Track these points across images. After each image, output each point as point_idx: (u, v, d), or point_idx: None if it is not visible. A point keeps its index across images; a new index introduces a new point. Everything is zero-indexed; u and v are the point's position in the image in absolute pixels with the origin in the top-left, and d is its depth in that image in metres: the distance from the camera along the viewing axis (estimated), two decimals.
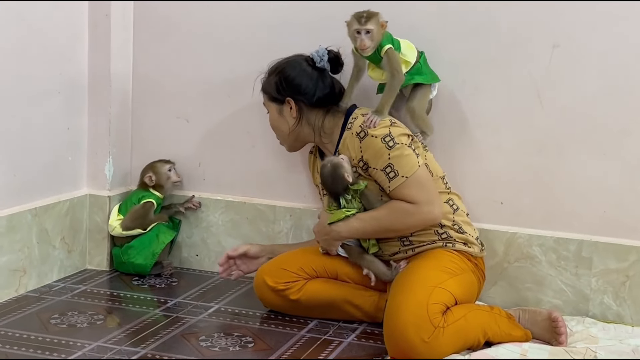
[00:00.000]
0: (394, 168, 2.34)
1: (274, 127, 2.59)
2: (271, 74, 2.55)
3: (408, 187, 2.34)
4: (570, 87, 2.55)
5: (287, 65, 2.53)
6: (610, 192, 2.54)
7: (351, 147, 2.40)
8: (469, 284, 2.36)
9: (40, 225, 2.69)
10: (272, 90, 2.53)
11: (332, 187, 2.39)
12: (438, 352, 2.15)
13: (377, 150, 2.35)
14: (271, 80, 2.54)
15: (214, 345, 2.27)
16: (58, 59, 2.75)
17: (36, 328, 2.33)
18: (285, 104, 2.51)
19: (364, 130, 2.38)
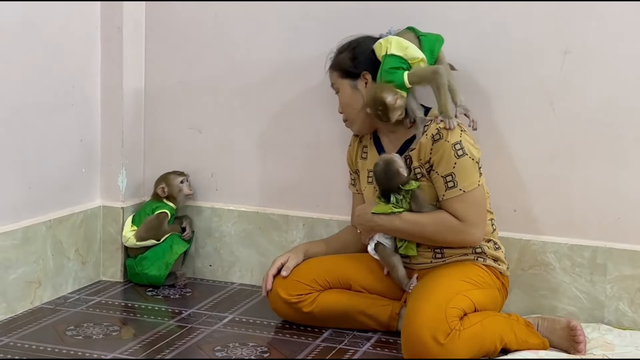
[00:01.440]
0: (455, 178, 2.33)
1: (346, 105, 2.50)
2: (343, 52, 2.49)
3: (461, 202, 2.33)
4: (583, 93, 2.55)
5: (360, 41, 2.48)
6: (624, 198, 2.54)
7: (423, 150, 2.37)
8: (492, 299, 2.35)
9: (55, 237, 2.70)
10: (347, 64, 2.46)
11: (385, 182, 2.36)
12: (453, 355, 2.15)
13: (445, 155, 2.33)
14: (344, 57, 2.48)
15: (229, 355, 2.27)
16: (72, 72, 2.77)
17: (52, 340, 2.34)
18: (361, 78, 2.45)
19: (439, 133, 2.34)
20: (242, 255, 2.93)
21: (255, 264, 2.92)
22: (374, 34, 2.50)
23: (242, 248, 2.93)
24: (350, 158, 2.62)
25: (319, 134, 2.83)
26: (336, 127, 2.79)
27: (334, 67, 2.52)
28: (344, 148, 2.77)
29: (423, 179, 2.37)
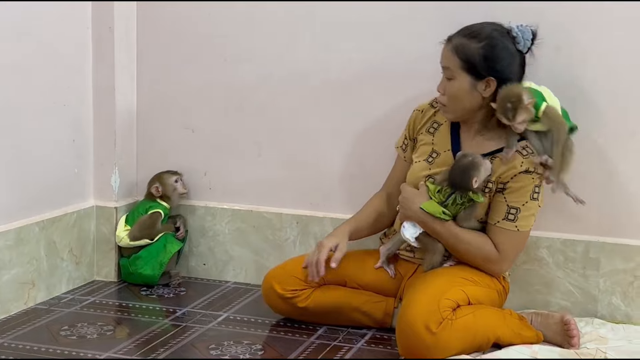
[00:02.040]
0: (517, 214, 2.31)
1: (455, 97, 2.33)
2: (473, 39, 2.30)
3: (509, 238, 2.32)
4: (574, 89, 2.55)
5: (497, 39, 2.30)
6: (616, 192, 2.55)
7: (506, 166, 2.32)
8: (488, 298, 2.35)
9: (48, 238, 2.70)
10: (477, 61, 2.28)
11: (455, 178, 2.28)
12: (445, 344, 2.16)
13: (523, 190, 2.31)
14: (475, 49, 2.29)
15: (224, 353, 2.27)
16: (63, 73, 2.77)
17: (46, 340, 2.34)
18: (483, 82, 2.30)
19: (532, 171, 2.31)
20: (236, 254, 2.94)
21: (249, 263, 2.92)
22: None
23: (235, 247, 2.93)
24: (415, 123, 2.49)
25: (312, 132, 2.83)
26: (329, 126, 2.81)
27: (457, 52, 2.31)
28: (338, 146, 2.78)
29: (486, 195, 2.34)
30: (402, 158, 2.55)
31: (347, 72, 2.75)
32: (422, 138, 2.48)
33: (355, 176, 2.79)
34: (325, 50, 2.76)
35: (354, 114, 2.77)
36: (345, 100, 2.77)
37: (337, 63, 2.76)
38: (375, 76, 2.73)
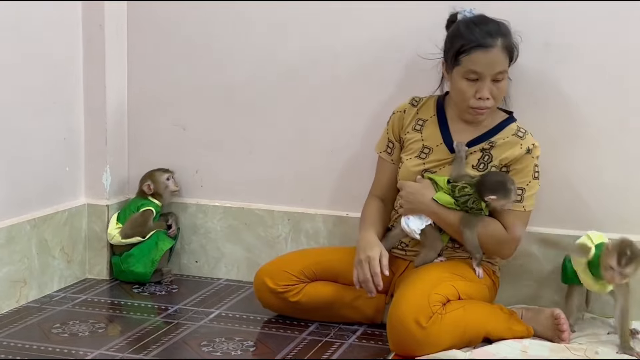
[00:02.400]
0: (524, 194, 2.36)
1: (504, 94, 2.40)
2: (509, 35, 2.35)
3: (518, 218, 2.36)
4: (563, 84, 2.56)
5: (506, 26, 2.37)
6: (606, 187, 2.56)
7: (507, 151, 2.37)
8: (479, 293, 2.36)
9: (40, 236, 2.69)
10: (515, 54, 2.38)
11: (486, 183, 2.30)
12: (435, 339, 2.17)
13: (527, 170, 2.36)
14: (514, 43, 2.36)
15: (215, 350, 2.28)
16: (54, 71, 2.77)
17: (38, 338, 2.34)
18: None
19: (531, 150, 2.37)
20: (228, 251, 2.94)
21: (241, 260, 2.93)
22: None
23: (227, 244, 2.94)
24: (399, 124, 2.51)
25: (303, 129, 2.84)
26: (319, 123, 2.81)
27: (508, 51, 2.35)
28: (328, 143, 2.79)
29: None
30: (388, 161, 2.55)
31: (338, 70, 2.76)
32: (410, 137, 2.49)
33: (347, 173, 2.79)
34: (316, 48, 2.77)
35: (345, 111, 2.77)
36: (336, 98, 2.78)
37: (328, 61, 2.77)
38: (366, 73, 2.73)
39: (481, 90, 2.34)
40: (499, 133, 2.41)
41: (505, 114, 2.47)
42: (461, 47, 2.32)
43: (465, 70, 2.33)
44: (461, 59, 2.33)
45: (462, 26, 2.36)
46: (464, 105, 2.38)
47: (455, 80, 2.37)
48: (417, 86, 2.58)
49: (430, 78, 2.54)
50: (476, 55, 2.31)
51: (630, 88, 2.52)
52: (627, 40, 2.50)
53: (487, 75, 2.32)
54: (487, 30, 2.33)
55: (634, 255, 2.18)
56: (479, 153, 2.41)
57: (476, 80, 2.34)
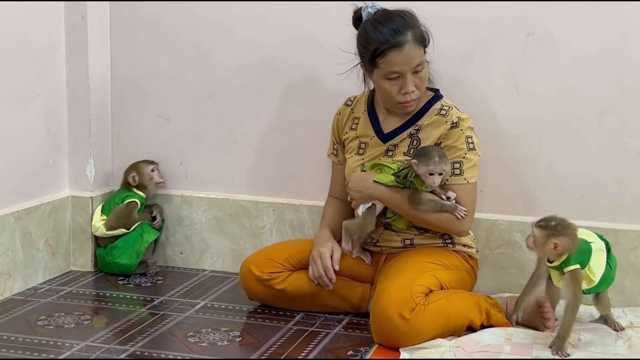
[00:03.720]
0: (462, 167, 2.36)
1: (424, 82, 2.41)
2: (416, 26, 2.36)
3: (462, 191, 2.36)
4: (546, 74, 2.58)
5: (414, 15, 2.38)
6: (587, 176, 2.59)
7: (435, 133, 2.38)
8: (460, 280, 2.38)
9: (24, 228, 2.68)
10: (426, 39, 2.38)
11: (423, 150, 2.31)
12: (419, 329, 2.18)
13: (458, 143, 2.36)
14: (420, 32, 2.36)
15: (202, 340, 2.28)
16: (36, 62, 2.75)
17: (23, 330, 2.33)
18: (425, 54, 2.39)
19: (458, 123, 2.37)
20: (213, 242, 2.94)
21: (227, 251, 2.93)
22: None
23: (212, 235, 2.94)
24: (337, 127, 2.58)
25: (287, 119, 2.84)
26: (304, 113, 2.82)
27: (421, 42, 2.37)
28: (313, 133, 2.79)
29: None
30: (337, 163, 2.61)
31: (321, 60, 2.76)
32: (348, 136, 2.54)
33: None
34: (300, 39, 2.77)
35: (328, 101, 2.77)
36: (320, 88, 2.78)
37: (312, 51, 2.77)
38: (350, 64, 2.74)
39: (405, 86, 2.36)
40: (424, 115, 2.42)
41: (430, 93, 2.47)
42: (375, 50, 2.34)
43: (384, 72, 2.35)
44: (378, 62, 2.34)
45: (370, 28, 2.36)
46: (391, 102, 2.41)
47: (378, 81, 2.40)
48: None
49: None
50: (391, 56, 2.32)
51: (609, 78, 2.53)
52: (608, 31, 2.52)
53: (407, 71, 2.34)
54: (395, 27, 2.33)
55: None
56: (408, 139, 2.43)
57: (398, 77, 2.35)
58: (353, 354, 2.20)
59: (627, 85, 2.52)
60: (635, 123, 2.53)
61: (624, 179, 2.55)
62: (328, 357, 2.18)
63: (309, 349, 2.24)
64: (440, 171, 2.29)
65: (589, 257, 2.20)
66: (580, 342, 2.23)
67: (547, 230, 2.16)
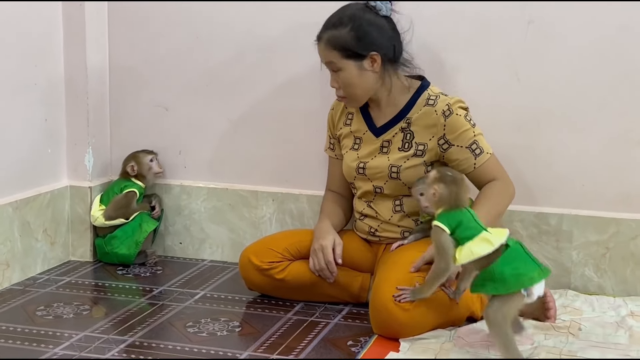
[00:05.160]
0: (479, 145, 2.36)
1: (350, 85, 2.37)
2: (340, 27, 2.33)
3: (493, 163, 2.37)
4: (547, 62, 2.57)
5: (358, 17, 2.33)
6: (588, 166, 2.57)
7: (429, 124, 2.36)
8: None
9: (22, 218, 2.67)
10: (352, 45, 2.31)
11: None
12: (418, 321, 2.18)
13: (463, 128, 2.35)
14: (344, 35, 2.32)
15: (201, 330, 2.28)
16: (33, 51, 2.73)
17: (22, 320, 2.33)
18: (368, 59, 2.34)
19: (449, 110, 2.36)
20: (212, 232, 2.93)
21: (226, 241, 2.92)
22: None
23: (212, 225, 2.93)
24: (332, 122, 2.58)
25: (287, 109, 2.82)
26: (303, 103, 2.80)
27: (333, 45, 2.35)
28: (312, 123, 2.78)
29: (420, 158, 2.37)
30: (334, 158, 2.60)
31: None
32: (342, 131, 2.53)
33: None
34: (299, 27, 2.75)
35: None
36: (319, 77, 2.76)
37: (311, 39, 2.74)
38: None
39: (331, 80, 2.40)
40: (414, 107, 2.40)
41: (417, 83, 2.44)
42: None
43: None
44: None
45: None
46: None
47: None
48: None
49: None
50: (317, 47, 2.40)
51: (610, 66, 2.52)
52: (609, 19, 2.50)
53: (326, 67, 2.39)
54: (326, 22, 2.38)
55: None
56: (400, 133, 2.42)
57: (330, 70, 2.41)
58: (353, 344, 2.19)
59: (628, 74, 2.51)
60: (635, 112, 2.52)
61: (624, 168, 2.54)
62: (328, 347, 2.18)
63: (308, 338, 2.23)
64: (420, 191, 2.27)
65: (464, 232, 2.05)
66: (581, 331, 2.23)
67: (434, 175, 2.13)
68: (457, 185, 2.12)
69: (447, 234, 2.07)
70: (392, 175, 2.41)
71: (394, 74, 2.41)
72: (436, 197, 2.11)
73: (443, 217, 2.10)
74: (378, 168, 2.43)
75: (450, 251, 2.07)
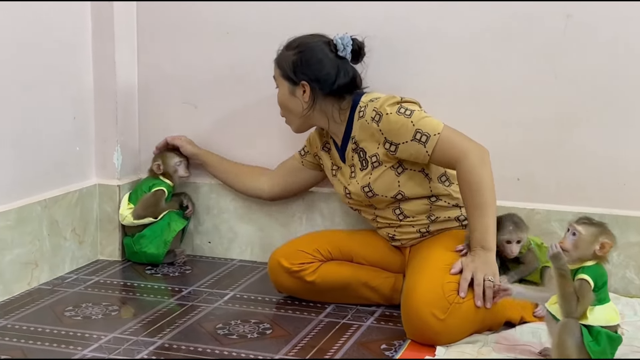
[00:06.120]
0: (423, 132, 2.27)
1: (282, 105, 2.48)
2: (289, 49, 2.42)
3: (447, 142, 2.25)
4: (585, 57, 2.50)
5: (309, 46, 2.40)
6: (629, 164, 2.50)
7: (369, 135, 2.35)
8: None
9: (51, 217, 2.65)
10: (288, 68, 2.41)
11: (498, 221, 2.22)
12: (454, 329, 2.12)
13: (398, 124, 2.29)
14: (288, 57, 2.41)
15: (231, 333, 2.23)
16: (62, 48, 2.71)
17: (51, 321, 2.30)
18: (299, 86, 2.41)
19: (378, 113, 2.32)
20: (242, 231, 2.89)
21: (255, 240, 2.88)
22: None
23: (241, 224, 2.89)
24: (313, 140, 2.60)
25: None
26: None
27: (277, 61, 2.46)
28: None
29: (381, 167, 2.34)
30: (298, 161, 2.66)
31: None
32: (324, 156, 2.56)
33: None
34: (328, 25, 2.69)
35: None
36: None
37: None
38: (380, 47, 2.67)
39: None
40: (353, 125, 2.39)
41: (350, 101, 2.42)
42: None
43: None
44: None
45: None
46: None
47: None
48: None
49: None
50: None
51: None
52: None
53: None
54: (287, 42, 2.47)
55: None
56: (355, 154, 2.40)
57: None
58: (387, 348, 2.14)
59: None
60: None
61: None
62: (361, 351, 2.12)
63: (341, 341, 2.18)
64: (517, 239, 2.20)
65: (602, 294, 1.92)
66: (623, 336, 2.15)
67: (595, 228, 1.95)
68: (614, 236, 1.96)
69: (592, 291, 1.90)
70: (368, 194, 2.40)
71: (334, 104, 2.41)
72: (606, 249, 1.93)
73: (592, 271, 1.90)
74: (356, 194, 2.43)
75: (587, 307, 1.91)
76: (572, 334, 1.87)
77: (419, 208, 2.39)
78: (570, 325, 1.88)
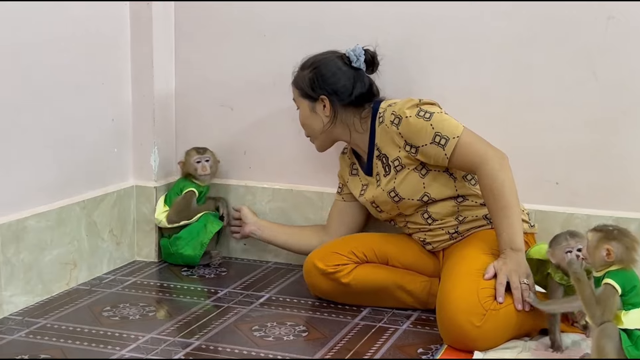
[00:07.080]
0: (442, 135, 2.28)
1: (305, 125, 2.55)
2: (304, 69, 2.50)
3: (466, 146, 2.27)
4: (626, 60, 2.46)
5: (323, 61, 2.48)
6: None
7: (390, 140, 2.37)
8: None
9: (89, 218, 2.68)
10: (306, 86, 2.48)
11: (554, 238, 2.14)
12: (491, 335, 2.10)
13: (417, 127, 2.30)
14: (305, 76, 2.49)
15: (267, 335, 2.24)
16: (101, 50, 2.73)
17: (89, 321, 2.32)
18: (319, 101, 2.47)
19: (397, 117, 2.33)
20: None
21: None
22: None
23: None
24: (342, 170, 2.64)
25: None
26: None
27: (294, 83, 2.53)
28: None
29: (405, 170, 2.36)
30: (339, 200, 2.67)
31: (384, 48, 2.66)
32: (352, 182, 2.58)
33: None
34: (362, 27, 2.68)
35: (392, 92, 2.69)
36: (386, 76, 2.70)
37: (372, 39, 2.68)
38: (412, 47, 2.65)
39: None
40: (375, 133, 2.42)
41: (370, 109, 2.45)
42: None
43: None
44: None
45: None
46: None
47: None
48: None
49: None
50: None
51: None
52: None
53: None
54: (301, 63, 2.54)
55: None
56: (379, 162, 2.42)
57: None
58: (423, 352, 2.13)
59: None
60: None
61: None
62: (398, 355, 2.11)
63: (377, 345, 2.17)
64: (577, 247, 2.08)
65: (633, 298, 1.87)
66: None
67: (600, 234, 1.90)
68: (629, 237, 1.91)
69: (619, 295, 1.86)
70: (394, 199, 2.40)
71: (355, 115, 2.46)
72: (612, 256, 1.89)
73: (617, 275, 1.87)
74: (384, 202, 2.44)
75: (614, 313, 1.87)
76: (611, 339, 1.85)
77: (446, 210, 2.38)
78: (609, 329, 1.85)
